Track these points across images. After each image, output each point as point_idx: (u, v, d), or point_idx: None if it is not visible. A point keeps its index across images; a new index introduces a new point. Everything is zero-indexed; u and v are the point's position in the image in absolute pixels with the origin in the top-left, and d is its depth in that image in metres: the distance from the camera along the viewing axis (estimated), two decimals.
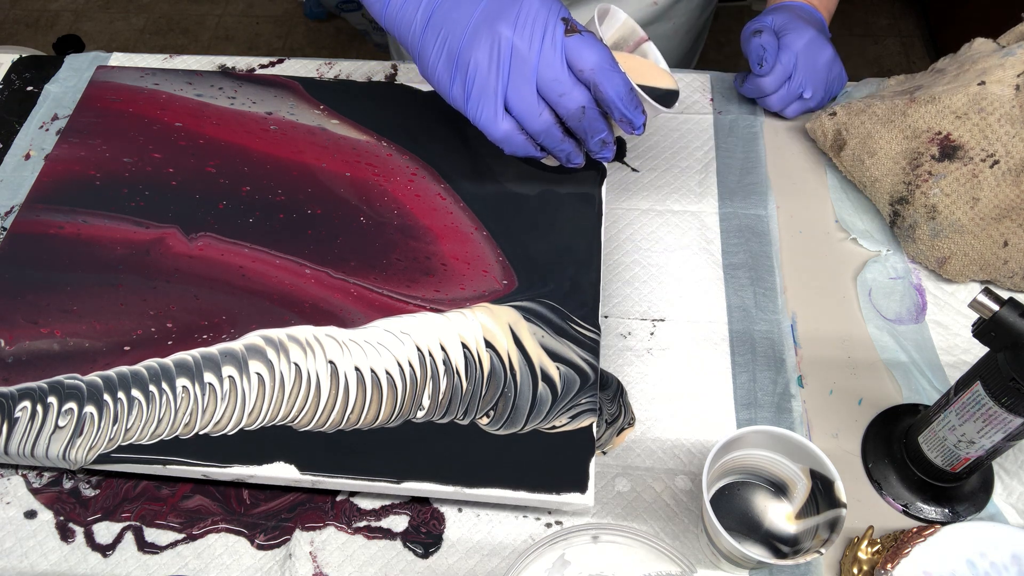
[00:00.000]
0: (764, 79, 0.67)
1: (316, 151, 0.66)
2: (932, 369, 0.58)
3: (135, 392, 0.53)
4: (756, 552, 0.46)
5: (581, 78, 0.51)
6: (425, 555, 0.52)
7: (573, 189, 0.63)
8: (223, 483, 0.54)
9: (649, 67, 0.59)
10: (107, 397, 0.53)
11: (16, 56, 0.79)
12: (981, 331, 0.44)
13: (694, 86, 0.74)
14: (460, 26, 0.51)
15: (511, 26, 0.50)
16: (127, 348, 0.55)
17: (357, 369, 0.54)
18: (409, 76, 0.76)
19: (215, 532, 0.53)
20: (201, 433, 0.52)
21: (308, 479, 0.51)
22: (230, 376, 0.54)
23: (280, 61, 0.78)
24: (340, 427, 0.52)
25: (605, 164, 0.64)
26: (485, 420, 0.52)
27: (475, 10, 0.50)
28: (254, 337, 0.56)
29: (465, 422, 0.52)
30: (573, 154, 0.56)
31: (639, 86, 0.53)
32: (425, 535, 0.52)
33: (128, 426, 0.52)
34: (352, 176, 0.64)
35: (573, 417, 0.52)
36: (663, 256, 0.64)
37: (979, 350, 0.46)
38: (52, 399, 0.53)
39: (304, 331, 0.56)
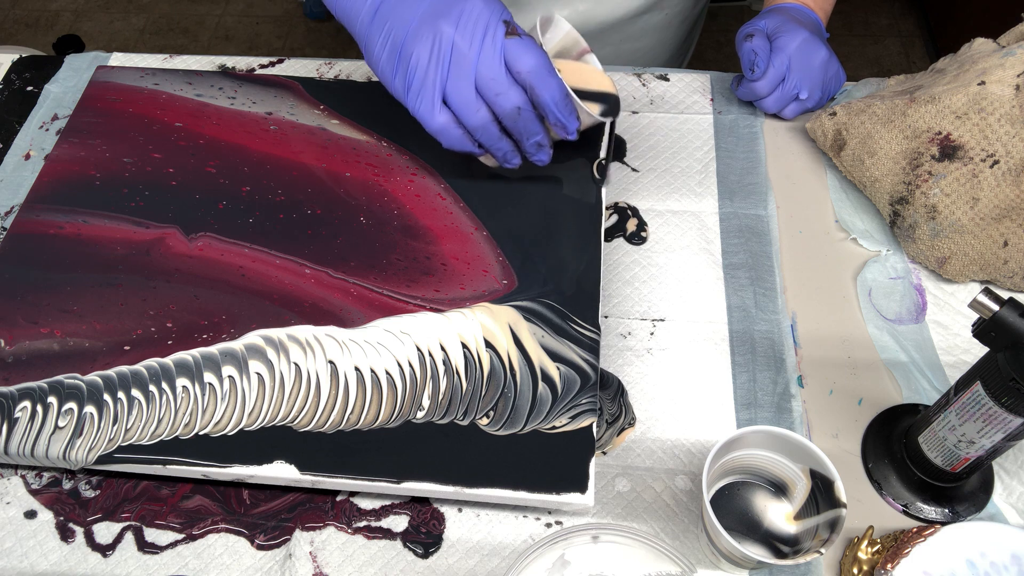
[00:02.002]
0: (757, 83, 0.68)
1: (316, 151, 0.66)
2: (932, 369, 0.58)
3: (135, 392, 0.53)
4: (756, 552, 0.46)
5: (518, 80, 0.53)
6: (425, 555, 0.52)
7: (573, 189, 0.63)
8: (223, 483, 0.54)
9: (592, 74, 0.60)
10: (107, 397, 0.53)
11: (16, 56, 0.79)
12: (981, 331, 0.44)
13: (694, 86, 0.74)
14: (405, 20, 0.52)
15: (453, 24, 0.51)
16: (127, 348, 0.55)
17: (357, 369, 0.54)
18: None
19: (215, 532, 0.53)
20: (201, 433, 0.52)
21: (308, 479, 0.51)
22: (230, 376, 0.54)
23: (280, 61, 0.78)
24: (340, 427, 0.52)
25: (605, 163, 0.64)
26: (485, 420, 0.52)
27: (420, 6, 0.52)
28: (254, 337, 0.56)
29: (465, 422, 0.52)
30: (510, 153, 0.57)
31: (578, 91, 0.54)
32: (425, 535, 0.52)
33: (128, 426, 0.52)
34: (352, 176, 0.64)
35: (573, 417, 0.52)
36: (663, 256, 0.64)
37: (979, 350, 0.46)
38: (52, 399, 0.53)
39: (304, 331, 0.56)
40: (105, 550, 0.52)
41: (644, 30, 0.85)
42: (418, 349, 0.55)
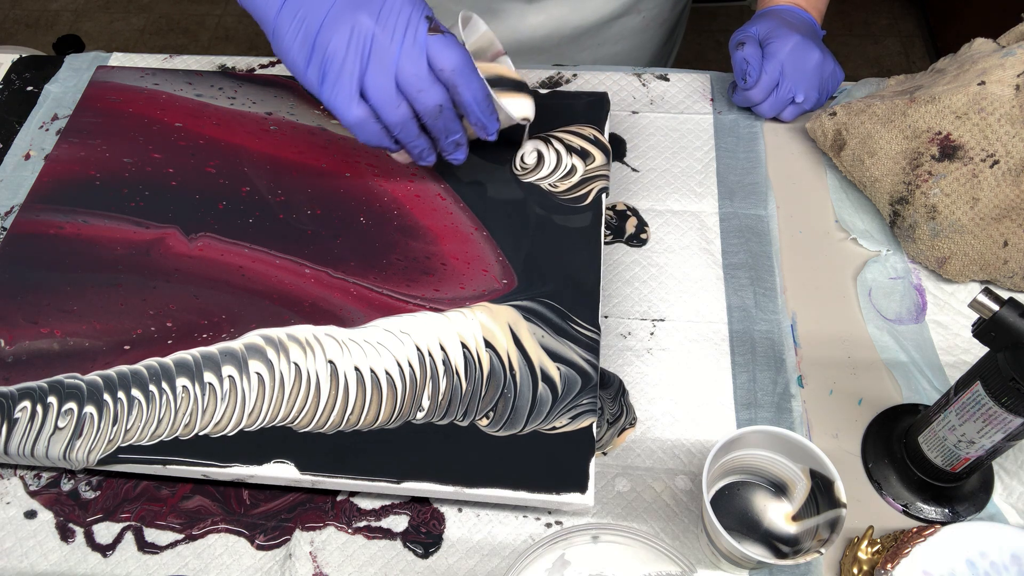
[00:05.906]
0: (751, 91, 0.68)
1: (316, 151, 0.66)
2: (932, 369, 0.58)
3: (135, 392, 0.53)
4: (756, 552, 0.46)
5: (441, 77, 0.51)
6: (425, 555, 0.52)
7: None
8: (223, 483, 0.54)
9: (508, 76, 0.60)
10: (107, 397, 0.53)
11: (16, 56, 0.79)
12: (981, 331, 0.44)
13: (694, 86, 0.74)
14: (320, 9, 0.50)
15: (373, 16, 0.50)
16: (127, 347, 0.55)
17: (357, 369, 0.54)
18: None
19: (215, 532, 0.53)
20: (201, 433, 0.52)
21: (308, 479, 0.51)
22: (230, 376, 0.54)
23: (280, 61, 0.77)
24: (340, 428, 0.52)
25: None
26: (485, 421, 0.52)
27: None
28: (254, 336, 0.56)
29: (465, 423, 0.52)
30: (427, 151, 0.56)
31: (495, 89, 0.55)
32: (425, 535, 0.52)
33: (128, 426, 0.52)
34: (352, 176, 0.64)
35: (573, 418, 0.52)
36: (663, 256, 0.64)
37: (979, 350, 0.46)
38: (52, 399, 0.53)
39: (304, 330, 0.56)
40: (105, 550, 0.52)
41: (621, 34, 0.84)
42: (418, 349, 0.55)
